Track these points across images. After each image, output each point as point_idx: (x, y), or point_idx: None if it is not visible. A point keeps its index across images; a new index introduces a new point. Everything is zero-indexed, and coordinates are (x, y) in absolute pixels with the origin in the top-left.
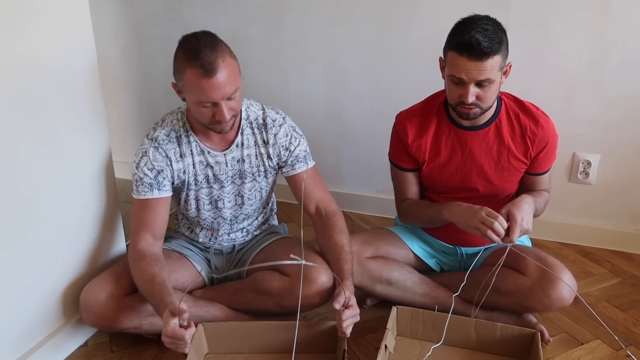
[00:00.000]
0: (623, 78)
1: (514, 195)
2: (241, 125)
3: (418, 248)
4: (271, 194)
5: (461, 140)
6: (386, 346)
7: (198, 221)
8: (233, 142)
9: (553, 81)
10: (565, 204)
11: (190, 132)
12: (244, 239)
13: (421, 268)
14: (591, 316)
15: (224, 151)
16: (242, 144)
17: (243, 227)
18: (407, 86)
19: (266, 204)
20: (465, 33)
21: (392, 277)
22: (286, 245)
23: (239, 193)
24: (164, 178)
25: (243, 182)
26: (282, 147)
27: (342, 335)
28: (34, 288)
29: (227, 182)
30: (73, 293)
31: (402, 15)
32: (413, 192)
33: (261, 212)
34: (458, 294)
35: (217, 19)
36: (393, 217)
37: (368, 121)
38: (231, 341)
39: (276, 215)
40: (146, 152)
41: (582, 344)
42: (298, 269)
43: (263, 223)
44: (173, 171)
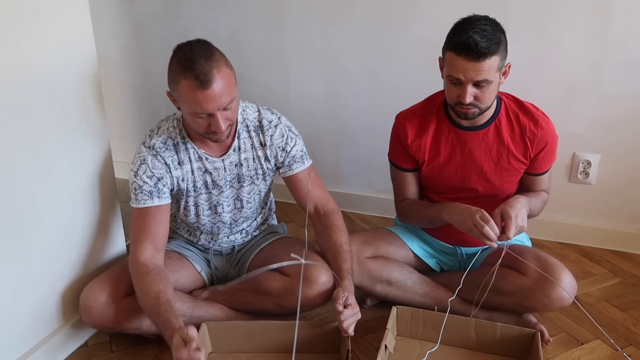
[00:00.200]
0: (623, 78)
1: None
2: (237, 129)
3: (418, 248)
4: (269, 194)
5: (461, 140)
6: (386, 346)
7: (197, 226)
8: (230, 147)
9: (553, 81)
10: (565, 204)
11: (187, 139)
12: (244, 240)
13: (421, 268)
14: (591, 316)
15: (222, 156)
16: (239, 148)
17: (242, 229)
18: (407, 86)
19: (265, 204)
20: (463, 33)
21: (392, 277)
22: (286, 245)
23: (238, 197)
24: (164, 185)
25: (242, 186)
26: (279, 148)
27: (345, 334)
28: (34, 288)
29: (226, 187)
30: (73, 293)
31: (402, 15)
32: (412, 192)
33: (260, 213)
34: (454, 298)
35: (217, 19)
36: (393, 217)
37: (368, 121)
38: (234, 340)
39: (275, 214)
40: (145, 160)
41: (582, 344)
42: (298, 269)
43: (262, 223)
44: (172, 178)
